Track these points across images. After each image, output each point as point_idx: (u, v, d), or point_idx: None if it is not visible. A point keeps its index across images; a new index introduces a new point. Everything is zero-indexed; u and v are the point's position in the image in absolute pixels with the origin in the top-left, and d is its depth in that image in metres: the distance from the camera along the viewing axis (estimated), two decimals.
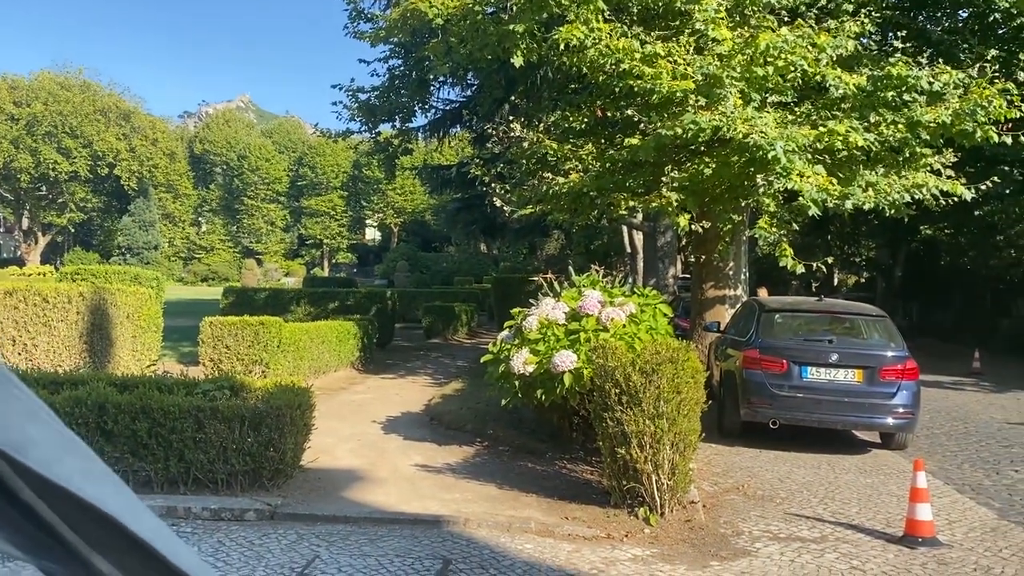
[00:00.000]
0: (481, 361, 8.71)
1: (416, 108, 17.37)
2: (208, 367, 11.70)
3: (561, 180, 12.07)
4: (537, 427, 9.27)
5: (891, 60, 10.74)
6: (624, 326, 7.91)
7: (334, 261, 73.89)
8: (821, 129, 10.50)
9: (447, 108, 20.17)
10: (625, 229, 26.26)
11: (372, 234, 77.34)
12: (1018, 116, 11.23)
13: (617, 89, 11.40)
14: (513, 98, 16.48)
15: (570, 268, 10.33)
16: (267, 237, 74.24)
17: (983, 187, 12.89)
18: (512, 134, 13.51)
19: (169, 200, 72.37)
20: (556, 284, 8.91)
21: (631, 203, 12.54)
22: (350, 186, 74.52)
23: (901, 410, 8.97)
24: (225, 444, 6.57)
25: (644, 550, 5.72)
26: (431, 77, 15.90)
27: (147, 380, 7.77)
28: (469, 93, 20.03)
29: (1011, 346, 20.34)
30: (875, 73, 10.67)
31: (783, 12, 11.29)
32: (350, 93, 16.56)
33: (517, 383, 7.80)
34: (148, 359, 12.59)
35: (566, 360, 7.44)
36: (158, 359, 12.98)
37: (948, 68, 11.12)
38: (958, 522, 6.59)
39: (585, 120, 12.68)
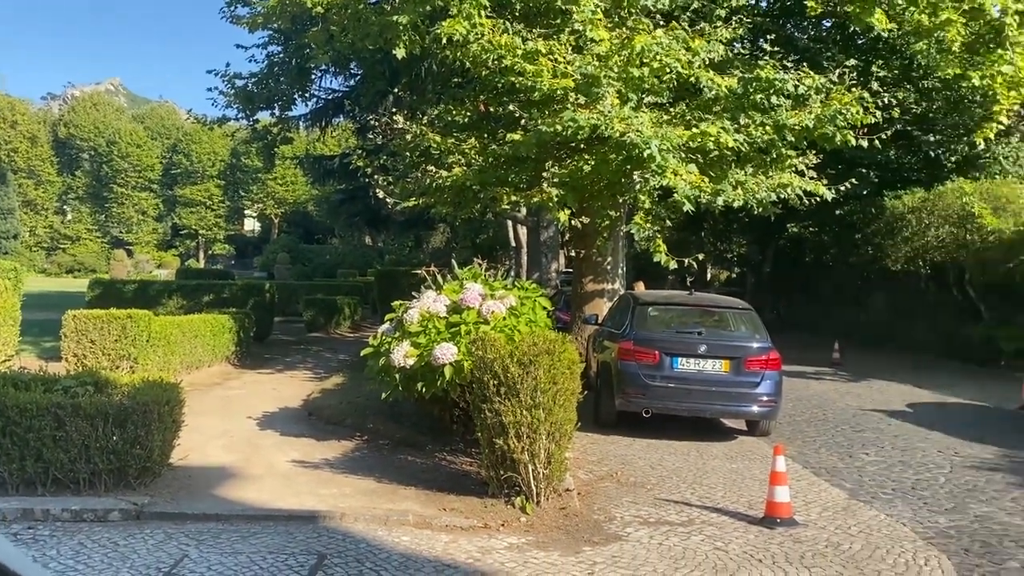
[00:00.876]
0: (361, 355, 8.64)
1: (296, 96, 17.00)
2: (71, 363, 11.11)
3: (444, 173, 12.08)
4: (418, 420, 9.27)
5: (760, 64, 11.24)
6: (504, 319, 8.01)
7: (211, 253, 71.27)
8: (694, 130, 10.89)
9: (329, 97, 19.84)
10: (510, 224, 26.51)
11: (251, 225, 75.00)
12: (873, 122, 11.97)
13: (499, 85, 11.50)
14: (397, 90, 16.37)
15: (453, 261, 10.37)
16: (138, 227, 70.82)
17: (842, 188, 13.70)
18: (395, 126, 13.40)
19: (31, 187, 68.03)
20: (439, 277, 8.92)
21: (513, 198, 12.66)
22: (228, 175, 71.97)
23: (765, 398, 9.45)
24: (88, 442, 6.27)
25: (520, 538, 5.83)
26: (312, 66, 15.58)
27: (1, 376, 7.32)
28: (352, 83, 19.75)
29: (868, 338, 21.73)
30: (745, 76, 11.17)
31: (658, 16, 11.63)
32: (227, 79, 16.03)
33: (398, 376, 7.78)
34: (3, 354, 11.84)
35: (447, 353, 7.47)
36: (15, 354, 12.22)
37: (812, 73, 11.75)
38: (813, 503, 7.01)
39: (468, 114, 12.73)
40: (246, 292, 22.18)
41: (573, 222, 12.77)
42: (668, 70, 10.68)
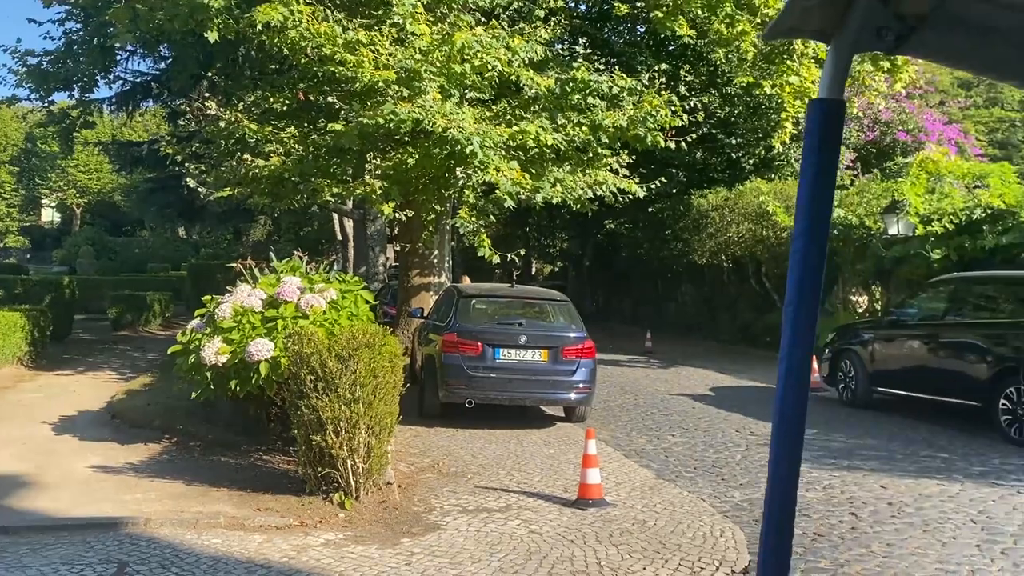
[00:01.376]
0: (168, 352, 8.21)
1: (98, 78, 15.82)
2: None
3: (261, 163, 11.70)
4: (232, 420, 8.92)
5: (575, 65, 11.65)
6: (324, 313, 7.87)
7: (3, 245, 65.07)
8: (515, 127, 11.14)
9: (137, 80, 18.60)
10: (336, 216, 26.02)
11: (50, 215, 69.06)
12: (681, 124, 12.69)
13: (319, 74, 11.27)
14: (211, 74, 15.62)
15: (271, 254, 10.06)
16: None
17: (654, 186, 14.47)
18: (209, 112, 12.81)
19: None
20: (256, 270, 8.63)
21: (336, 190, 12.47)
22: (22, 161, 65.89)
23: (581, 386, 9.85)
24: None
25: (337, 534, 5.77)
26: (115, 45, 14.58)
27: None
28: (163, 66, 18.63)
29: (677, 328, 23.14)
30: (562, 77, 11.55)
31: (479, 13, 11.80)
32: (17, 56, 14.70)
33: (209, 374, 7.46)
34: None
35: (262, 349, 7.24)
36: None
37: (625, 76, 12.32)
38: (623, 483, 7.39)
39: (287, 102, 12.37)
40: (42, 287, 20.46)
41: (398, 215, 12.74)
42: (490, 67, 10.86)
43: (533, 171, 11.87)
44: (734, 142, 21.55)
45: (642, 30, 20.64)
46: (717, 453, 8.69)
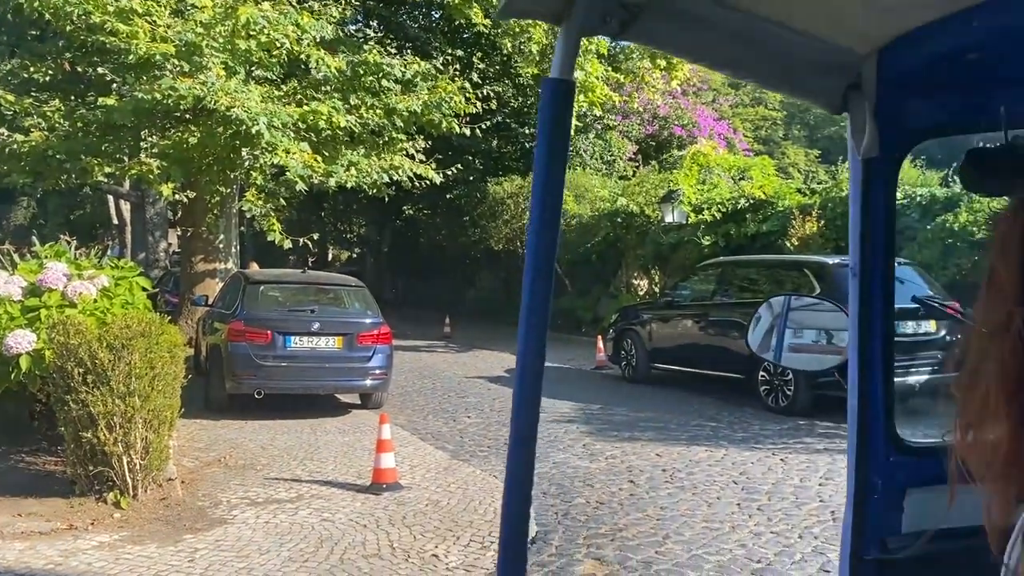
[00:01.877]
0: None
1: None
2: None
3: (20, 138, 10.64)
4: None
5: (367, 47, 11.52)
6: (95, 301, 7.30)
7: None
8: (306, 108, 10.86)
9: None
10: (112, 199, 24.16)
11: None
12: (475, 112, 12.90)
13: (88, 43, 10.40)
14: None
15: (34, 239, 9.20)
16: None
17: (450, 172, 14.63)
18: None
19: None
20: (15, 256, 7.87)
21: (108, 169, 11.57)
22: None
23: (377, 372, 9.81)
24: None
25: (112, 535, 5.40)
26: None
27: None
28: None
29: (475, 313, 23.58)
30: (354, 58, 11.38)
31: None
32: None
33: None
34: None
35: (22, 341, 6.60)
36: None
37: (418, 60, 12.33)
38: (419, 466, 7.45)
39: (50, 72, 11.32)
40: None
41: (179, 197, 12.04)
42: (278, 45, 10.51)
43: (326, 154, 11.64)
44: (527, 131, 22.19)
45: (437, 16, 20.74)
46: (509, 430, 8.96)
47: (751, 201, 14.94)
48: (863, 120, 1.33)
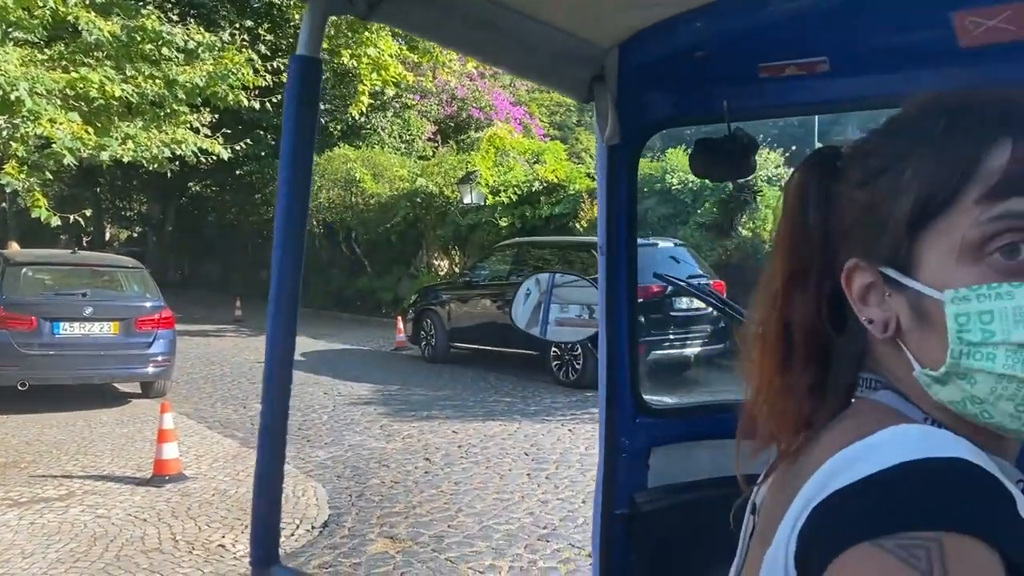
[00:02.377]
0: None
1: None
2: None
3: None
4: None
5: (144, 12, 10.78)
6: None
7: None
8: (74, 74, 10.01)
9: None
10: None
11: None
12: (265, 85, 12.40)
13: None
14: None
15: None
16: None
17: (239, 148, 14.00)
18: None
19: None
20: None
21: None
22: None
23: (159, 358, 9.26)
24: None
25: None
26: None
27: None
28: None
29: (270, 295, 22.74)
30: (130, 23, 10.59)
31: None
32: None
33: None
34: None
35: None
36: None
37: (202, 30, 11.68)
38: (205, 455, 7.14)
39: None
40: None
41: None
42: (40, 4, 9.58)
43: (99, 125, 10.77)
44: (322, 108, 21.63)
45: None
46: (304, 416, 8.79)
47: (545, 184, 15.46)
48: (606, 109, 1.44)
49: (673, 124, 1.57)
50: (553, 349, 10.45)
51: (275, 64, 12.93)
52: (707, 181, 13.75)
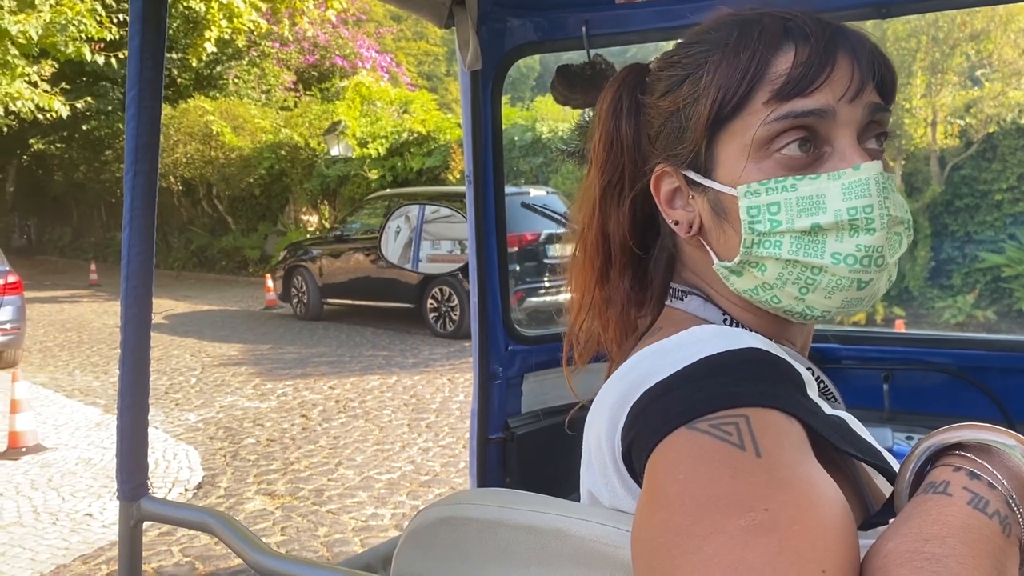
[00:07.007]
0: None
1: None
2: None
3: None
4: None
5: None
6: None
7: None
8: None
9: None
10: None
11: None
12: (111, 39, 11.59)
13: None
14: None
15: None
16: None
17: (80, 104, 13.07)
18: None
19: None
20: None
21: None
22: None
23: (7, 327, 8.68)
24: None
25: None
26: None
27: None
28: None
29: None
30: None
31: None
32: None
33: None
34: None
35: None
36: None
37: None
38: (65, 425, 6.78)
39: None
40: None
41: None
42: None
43: None
44: (174, 56, 20.47)
45: None
46: (171, 380, 8.46)
47: (414, 135, 15.24)
48: (467, 34, 1.42)
49: (534, 50, 1.58)
50: (430, 302, 10.43)
51: (121, 17, 12.08)
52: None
